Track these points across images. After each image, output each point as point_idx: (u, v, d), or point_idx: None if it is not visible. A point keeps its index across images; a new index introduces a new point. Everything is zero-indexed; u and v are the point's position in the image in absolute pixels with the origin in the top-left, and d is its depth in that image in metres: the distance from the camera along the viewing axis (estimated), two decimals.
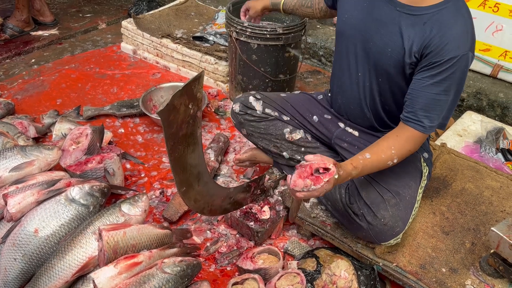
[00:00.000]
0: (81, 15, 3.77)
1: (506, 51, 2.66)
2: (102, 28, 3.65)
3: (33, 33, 3.38)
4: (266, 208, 1.88)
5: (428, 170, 1.78)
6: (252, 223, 1.83)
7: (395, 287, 1.70)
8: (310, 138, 1.93)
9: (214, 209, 1.69)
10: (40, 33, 3.40)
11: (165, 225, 1.80)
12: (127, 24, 3.16)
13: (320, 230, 1.81)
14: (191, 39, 2.98)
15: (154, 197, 2.09)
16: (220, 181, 2.19)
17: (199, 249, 1.79)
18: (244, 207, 1.86)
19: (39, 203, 1.65)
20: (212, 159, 2.20)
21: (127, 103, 2.65)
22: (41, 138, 2.36)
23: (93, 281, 1.38)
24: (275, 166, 2.06)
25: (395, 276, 1.65)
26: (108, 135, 2.31)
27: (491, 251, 1.56)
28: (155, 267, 1.43)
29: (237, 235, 1.90)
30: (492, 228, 1.51)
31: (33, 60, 3.13)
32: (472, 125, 2.48)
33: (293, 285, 1.57)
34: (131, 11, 3.66)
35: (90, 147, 1.97)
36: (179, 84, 2.61)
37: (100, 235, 1.47)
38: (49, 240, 1.57)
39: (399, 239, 1.64)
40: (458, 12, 1.45)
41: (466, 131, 2.43)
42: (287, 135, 1.91)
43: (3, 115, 2.37)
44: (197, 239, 1.86)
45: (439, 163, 2.07)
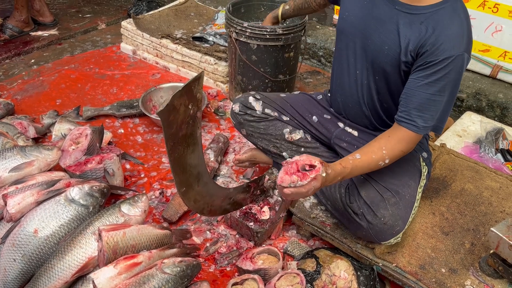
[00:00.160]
0: (80, 15, 3.76)
1: (505, 51, 2.66)
2: (102, 29, 3.65)
3: (32, 33, 3.38)
4: (265, 208, 1.87)
5: (427, 170, 1.79)
6: (252, 224, 1.83)
7: (394, 287, 1.70)
8: (309, 138, 1.94)
9: (214, 209, 1.69)
10: (39, 33, 3.40)
11: (165, 225, 1.79)
12: (127, 25, 3.16)
13: (319, 230, 1.81)
14: (191, 39, 2.98)
15: (153, 197, 2.09)
16: (220, 181, 2.19)
17: (198, 250, 1.79)
18: (243, 208, 1.86)
19: (38, 203, 1.65)
20: (212, 159, 2.20)
21: (126, 103, 2.65)
22: (40, 139, 2.36)
23: (93, 281, 1.38)
24: (275, 167, 2.06)
25: (394, 277, 1.65)
26: (107, 136, 2.31)
27: (491, 251, 1.56)
28: (154, 267, 1.43)
29: (237, 236, 1.90)
30: (491, 229, 1.51)
31: (32, 61, 3.12)
32: (472, 125, 2.48)
33: (292, 286, 1.57)
34: (130, 11, 3.66)
35: (89, 147, 1.97)
36: (179, 85, 2.62)
37: (99, 235, 1.47)
38: (48, 240, 1.57)
39: (399, 239, 1.64)
40: (455, 12, 1.45)
41: (465, 131, 2.43)
42: (286, 135, 1.92)
43: (3, 116, 2.38)
44: (196, 239, 1.87)
45: (438, 164, 2.07)
